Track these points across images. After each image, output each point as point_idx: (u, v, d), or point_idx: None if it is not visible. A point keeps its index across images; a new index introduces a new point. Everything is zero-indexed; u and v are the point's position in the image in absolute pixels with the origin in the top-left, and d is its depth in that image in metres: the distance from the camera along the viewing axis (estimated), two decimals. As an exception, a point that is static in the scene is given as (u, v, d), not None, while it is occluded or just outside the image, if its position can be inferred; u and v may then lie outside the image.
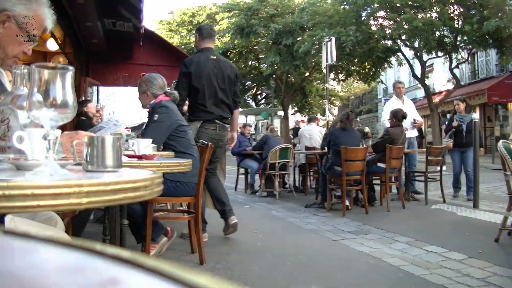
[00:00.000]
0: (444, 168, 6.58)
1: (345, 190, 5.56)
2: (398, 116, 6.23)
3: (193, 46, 26.69)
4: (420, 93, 25.40)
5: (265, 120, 24.10)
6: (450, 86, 21.76)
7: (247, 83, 29.54)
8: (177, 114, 3.47)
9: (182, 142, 3.36)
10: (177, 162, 1.98)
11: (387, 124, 6.40)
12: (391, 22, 18.41)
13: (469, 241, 4.07)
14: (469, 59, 20.80)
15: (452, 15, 17.82)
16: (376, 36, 18.10)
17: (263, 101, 31.58)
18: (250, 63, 27.68)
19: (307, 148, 7.68)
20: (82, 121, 5.69)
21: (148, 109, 3.54)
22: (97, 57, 7.97)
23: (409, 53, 20.85)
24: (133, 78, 8.02)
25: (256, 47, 24.60)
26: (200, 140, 3.68)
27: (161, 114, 3.32)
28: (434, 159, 6.27)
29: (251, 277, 3.02)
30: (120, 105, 50.01)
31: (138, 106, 3.92)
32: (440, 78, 25.92)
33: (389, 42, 20.19)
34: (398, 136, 6.04)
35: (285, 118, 25.62)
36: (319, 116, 23.39)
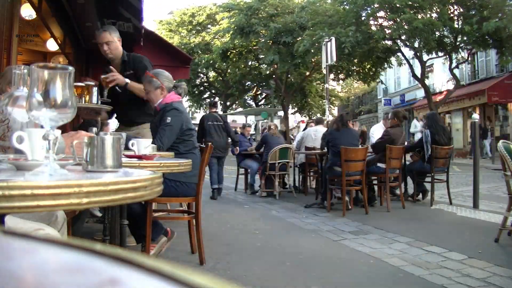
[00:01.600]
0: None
1: (345, 190, 5.56)
2: (398, 116, 6.23)
3: (193, 46, 26.78)
4: (420, 93, 25.39)
5: (265, 120, 24.10)
6: (450, 86, 21.76)
7: (247, 83, 29.54)
8: (186, 116, 3.44)
9: (187, 144, 3.35)
10: (177, 162, 1.98)
11: None
12: (391, 22, 18.40)
13: (469, 241, 4.07)
14: (469, 59, 20.78)
15: (452, 15, 17.80)
16: (376, 37, 18.08)
17: (263, 101, 31.57)
18: (250, 63, 27.67)
19: (307, 148, 7.68)
20: (88, 120, 5.65)
21: (156, 108, 3.47)
22: (97, 57, 7.95)
23: (409, 53, 20.85)
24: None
25: (256, 47, 24.59)
26: None
27: (173, 117, 3.27)
28: (440, 159, 6.22)
29: (251, 277, 3.02)
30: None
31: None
32: (440, 78, 25.91)
33: (389, 42, 20.18)
34: (397, 136, 6.04)
35: (285, 118, 25.61)
36: (318, 116, 23.35)
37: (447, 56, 19.26)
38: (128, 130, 3.77)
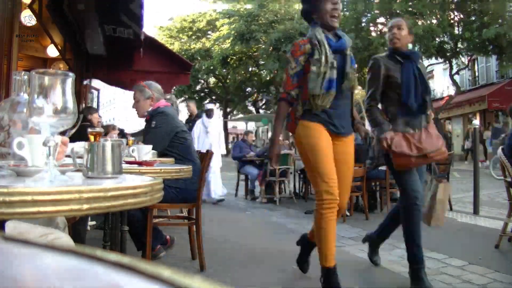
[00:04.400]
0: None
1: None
2: None
3: (193, 52, 26.83)
4: (420, 99, 25.37)
5: (265, 127, 24.11)
6: (451, 92, 21.78)
7: (247, 89, 29.58)
8: (176, 120, 3.46)
9: (181, 148, 3.35)
10: (177, 168, 1.98)
11: None
12: (391, 29, 18.43)
13: (470, 248, 4.06)
14: (469, 65, 20.82)
15: (452, 21, 17.86)
16: (375, 43, 18.12)
17: (263, 107, 31.61)
18: (250, 69, 27.73)
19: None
20: (87, 126, 5.66)
21: (146, 117, 3.51)
22: (98, 63, 7.98)
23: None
24: (133, 84, 8.02)
25: (256, 53, 24.65)
26: None
27: (159, 121, 3.32)
28: (441, 165, 6.18)
29: (252, 283, 3.01)
30: (120, 111, 50.04)
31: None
32: (441, 84, 25.94)
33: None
34: None
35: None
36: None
37: (447, 62, 19.30)
38: None
